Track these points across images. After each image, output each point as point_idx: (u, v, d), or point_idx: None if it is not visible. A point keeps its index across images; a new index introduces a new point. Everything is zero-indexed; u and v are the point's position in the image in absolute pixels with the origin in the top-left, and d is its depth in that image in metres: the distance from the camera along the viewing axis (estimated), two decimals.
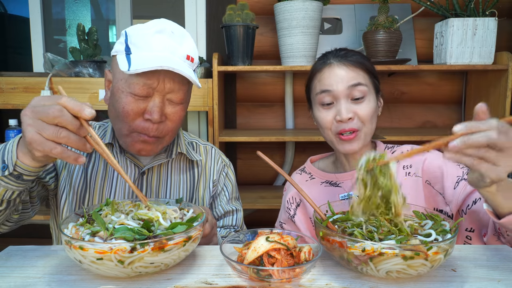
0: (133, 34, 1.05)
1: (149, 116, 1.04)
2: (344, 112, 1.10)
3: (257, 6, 2.37)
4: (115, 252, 0.69)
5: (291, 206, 1.30)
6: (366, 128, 1.13)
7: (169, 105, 1.07)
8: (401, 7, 2.34)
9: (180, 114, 1.10)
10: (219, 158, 1.34)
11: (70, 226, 0.81)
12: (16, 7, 3.08)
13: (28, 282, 0.76)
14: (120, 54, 1.05)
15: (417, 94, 2.43)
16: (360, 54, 1.18)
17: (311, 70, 1.23)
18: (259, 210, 2.36)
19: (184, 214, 0.89)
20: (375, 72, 1.18)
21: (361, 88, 1.12)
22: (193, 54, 1.09)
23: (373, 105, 1.13)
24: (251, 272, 0.73)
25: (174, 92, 1.05)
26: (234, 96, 2.45)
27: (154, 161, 1.18)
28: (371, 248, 0.71)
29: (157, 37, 1.03)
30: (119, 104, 1.04)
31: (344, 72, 1.13)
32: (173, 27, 1.07)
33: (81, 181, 1.15)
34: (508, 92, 2.00)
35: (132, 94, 1.02)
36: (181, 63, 1.03)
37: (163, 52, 1.03)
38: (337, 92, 1.12)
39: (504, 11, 2.21)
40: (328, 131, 1.15)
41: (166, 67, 0.97)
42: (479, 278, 0.77)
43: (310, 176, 1.31)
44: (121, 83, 1.04)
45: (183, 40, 1.08)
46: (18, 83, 2.04)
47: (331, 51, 1.21)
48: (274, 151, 2.49)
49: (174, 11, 2.67)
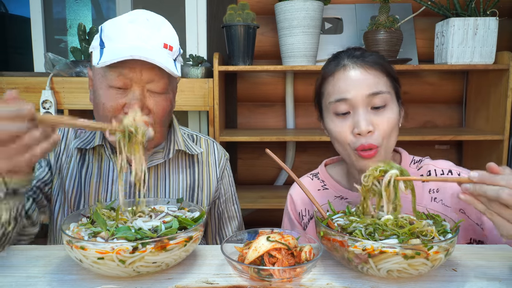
0: (107, 27, 1.02)
1: (128, 109, 0.99)
2: (363, 124, 0.96)
3: (258, 6, 2.37)
4: (117, 252, 0.69)
5: (302, 220, 1.20)
6: (386, 143, 0.99)
7: (150, 96, 1.01)
8: (402, 6, 2.34)
9: (163, 104, 1.04)
10: (221, 154, 1.28)
11: (72, 226, 0.81)
12: (17, 7, 3.08)
13: (29, 281, 0.76)
14: (95, 49, 1.03)
15: (417, 94, 2.42)
16: (377, 54, 1.05)
17: (322, 73, 1.08)
18: (259, 210, 2.36)
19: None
20: (395, 75, 1.05)
21: (383, 96, 0.98)
22: (171, 42, 1.03)
23: (395, 115, 1.00)
24: (252, 271, 0.74)
25: (154, 82, 1.00)
26: (235, 96, 2.44)
27: (150, 162, 1.13)
28: (371, 247, 0.71)
29: (129, 27, 0.99)
30: (99, 101, 1.01)
31: (362, 76, 0.99)
32: (148, 15, 1.03)
33: (75, 186, 1.11)
34: (509, 92, 1.99)
35: (110, 86, 0.99)
36: (156, 52, 0.98)
37: (135, 41, 0.98)
38: (355, 100, 0.98)
39: (505, 11, 2.21)
40: (345, 145, 1.01)
41: (137, 57, 0.93)
42: (479, 278, 0.77)
43: (323, 185, 1.19)
44: (98, 78, 1.02)
45: (160, 27, 1.03)
46: (19, 83, 2.04)
47: (344, 51, 1.07)
48: (275, 151, 2.48)
49: (175, 11, 2.67)
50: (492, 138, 2.05)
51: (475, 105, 2.31)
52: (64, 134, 1.16)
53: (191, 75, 2.09)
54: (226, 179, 1.29)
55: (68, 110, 2.06)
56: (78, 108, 2.07)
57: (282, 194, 2.26)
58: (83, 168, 1.13)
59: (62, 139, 1.16)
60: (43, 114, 0.77)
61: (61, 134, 1.16)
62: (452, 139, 2.16)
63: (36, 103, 2.04)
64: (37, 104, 2.03)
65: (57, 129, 0.96)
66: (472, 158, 2.35)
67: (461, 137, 2.09)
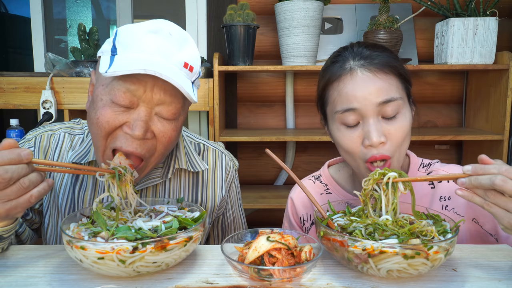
0: (123, 33, 0.89)
1: (129, 130, 0.85)
2: (374, 135, 0.87)
3: (258, 6, 2.37)
4: (117, 252, 0.69)
5: (303, 225, 1.15)
6: (399, 153, 0.92)
7: (158, 121, 0.88)
8: (402, 7, 2.34)
9: (171, 135, 0.90)
10: (230, 167, 1.16)
11: (72, 226, 0.81)
12: (17, 7, 3.08)
13: (29, 281, 0.76)
14: (105, 54, 0.89)
15: (417, 94, 2.42)
16: (386, 52, 0.94)
17: (324, 75, 0.97)
18: (259, 210, 2.36)
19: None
20: (407, 74, 0.94)
21: (395, 103, 0.89)
22: (193, 62, 0.90)
23: (408, 122, 0.91)
24: (252, 271, 0.74)
25: (165, 104, 0.86)
26: (235, 96, 2.45)
27: (147, 182, 1.04)
28: (371, 247, 0.71)
29: (150, 37, 0.86)
30: (95, 114, 0.87)
31: (371, 82, 0.88)
32: (172, 29, 0.89)
33: (68, 201, 1.05)
34: (508, 92, 1.99)
35: (112, 102, 0.85)
36: (175, 71, 0.85)
37: (154, 56, 0.85)
38: (364, 110, 0.89)
39: (504, 11, 2.21)
40: (355, 156, 0.93)
41: (152, 72, 0.79)
42: (479, 278, 0.77)
43: (326, 189, 1.13)
44: (101, 89, 0.88)
45: (183, 44, 0.90)
46: (19, 83, 2.04)
47: (348, 48, 0.96)
48: (275, 151, 2.49)
49: (175, 11, 2.67)
50: (492, 138, 2.05)
51: (475, 105, 2.31)
52: (58, 145, 1.08)
53: None
54: (233, 193, 1.20)
55: (68, 110, 2.07)
56: (78, 108, 2.07)
57: (282, 194, 2.26)
58: (77, 183, 1.06)
59: (56, 149, 1.08)
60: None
61: (55, 143, 1.09)
62: (452, 139, 2.16)
63: (36, 103, 2.04)
64: (37, 104, 2.03)
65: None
66: (472, 158, 2.35)
67: (461, 137, 2.10)
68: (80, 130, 1.12)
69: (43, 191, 0.76)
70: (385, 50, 0.94)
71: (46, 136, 1.09)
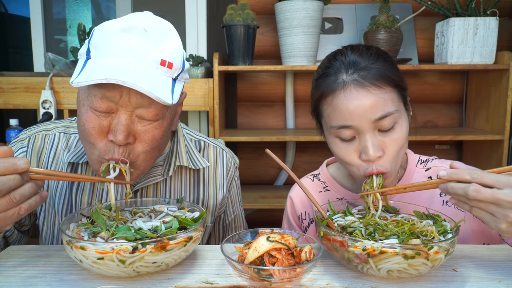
0: (96, 33, 0.85)
1: (112, 136, 0.84)
2: (371, 150, 0.87)
3: (258, 6, 2.37)
4: (117, 252, 0.69)
5: (301, 224, 1.15)
6: (396, 164, 0.91)
7: (138, 122, 0.85)
8: (402, 6, 2.34)
9: (152, 134, 0.87)
10: (230, 163, 1.15)
11: (72, 226, 0.81)
12: (17, 7, 3.09)
13: (29, 281, 0.76)
14: (81, 58, 0.86)
15: (418, 94, 2.42)
16: (380, 58, 0.91)
17: (317, 88, 0.95)
18: (259, 210, 2.36)
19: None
20: (402, 82, 0.92)
21: (391, 117, 0.87)
22: (172, 58, 0.85)
23: (405, 131, 0.90)
24: (252, 271, 0.73)
25: (144, 107, 0.83)
26: (235, 96, 2.44)
27: (147, 180, 1.03)
28: (371, 247, 0.71)
29: (121, 36, 0.81)
30: (80, 120, 0.86)
31: (366, 99, 0.86)
32: (148, 23, 0.84)
33: (65, 203, 1.04)
34: (509, 91, 1.99)
35: (92, 109, 0.84)
36: (147, 71, 0.81)
37: (125, 57, 0.80)
38: (360, 127, 0.87)
39: (505, 11, 2.21)
40: (352, 168, 0.92)
41: (114, 80, 0.75)
42: (480, 278, 0.77)
43: (324, 186, 1.14)
44: (82, 94, 0.87)
45: (160, 39, 0.85)
46: (19, 83, 2.04)
47: (340, 56, 0.93)
48: (275, 151, 2.48)
49: (175, 11, 2.67)
50: (492, 138, 2.05)
51: (475, 105, 2.31)
52: (53, 145, 1.06)
53: (191, 75, 2.09)
54: (234, 191, 1.19)
55: (68, 110, 2.07)
56: None
57: (282, 194, 2.26)
58: (74, 184, 1.04)
59: (51, 150, 1.06)
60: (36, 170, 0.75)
61: (50, 144, 1.06)
62: (452, 139, 2.16)
63: (36, 103, 2.04)
64: (37, 104, 2.03)
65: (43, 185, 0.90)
66: (472, 158, 2.35)
67: (461, 137, 2.09)
68: (76, 128, 1.09)
69: (34, 204, 0.73)
70: (379, 57, 0.92)
71: (40, 137, 1.07)
